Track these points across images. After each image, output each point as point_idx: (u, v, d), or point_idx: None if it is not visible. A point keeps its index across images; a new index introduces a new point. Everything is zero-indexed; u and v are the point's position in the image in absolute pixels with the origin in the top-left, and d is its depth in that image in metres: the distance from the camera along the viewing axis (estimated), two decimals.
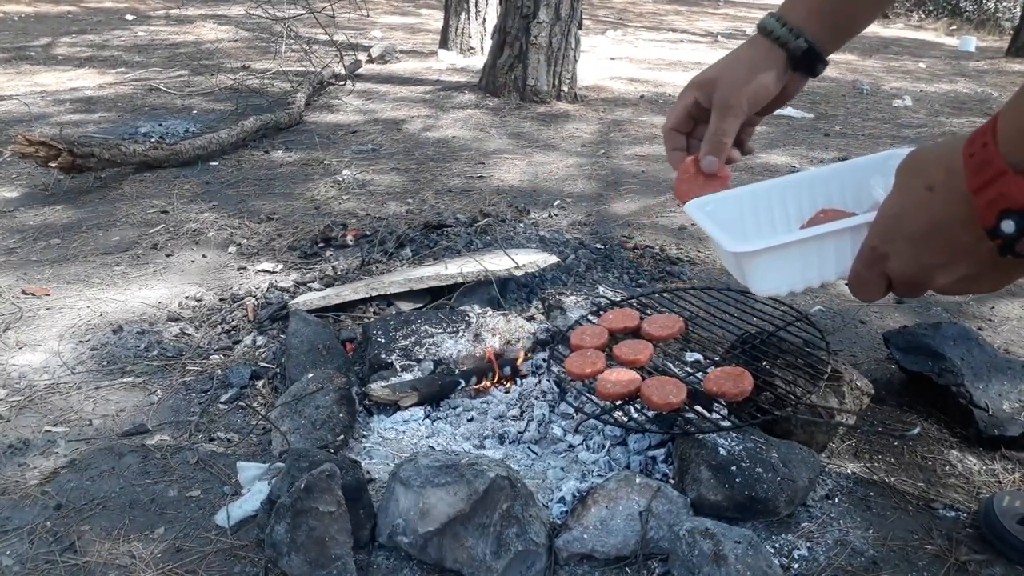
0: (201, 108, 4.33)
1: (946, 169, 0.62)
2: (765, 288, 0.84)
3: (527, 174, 3.39)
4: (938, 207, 0.63)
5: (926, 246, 0.65)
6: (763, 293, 0.86)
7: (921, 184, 0.64)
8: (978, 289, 0.66)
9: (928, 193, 0.64)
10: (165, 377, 1.78)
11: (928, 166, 0.64)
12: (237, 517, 1.34)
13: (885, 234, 0.68)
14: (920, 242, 0.65)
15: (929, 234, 0.64)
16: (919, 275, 0.67)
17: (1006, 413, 1.56)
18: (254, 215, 2.81)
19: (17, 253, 2.46)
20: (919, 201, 0.64)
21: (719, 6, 11.54)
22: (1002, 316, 2.19)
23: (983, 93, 5.59)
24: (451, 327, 1.78)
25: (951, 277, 0.65)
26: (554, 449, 1.52)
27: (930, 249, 0.65)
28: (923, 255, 0.66)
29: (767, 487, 1.30)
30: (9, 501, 1.39)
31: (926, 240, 0.65)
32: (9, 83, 4.77)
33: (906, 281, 0.69)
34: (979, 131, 0.59)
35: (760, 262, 0.80)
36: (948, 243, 0.64)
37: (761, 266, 0.81)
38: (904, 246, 0.66)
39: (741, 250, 0.79)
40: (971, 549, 1.31)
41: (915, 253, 0.66)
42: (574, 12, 4.54)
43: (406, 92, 4.90)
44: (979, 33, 9.47)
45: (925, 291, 0.69)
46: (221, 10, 8.24)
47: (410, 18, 8.49)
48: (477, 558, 1.20)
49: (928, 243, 0.65)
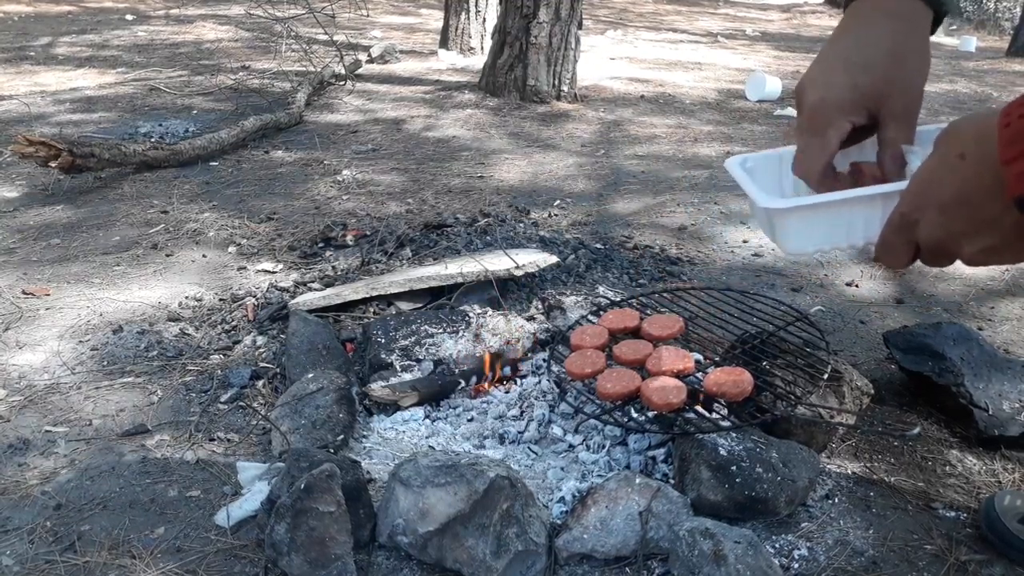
0: (201, 108, 4.33)
1: (979, 138, 0.61)
2: (794, 246, 0.83)
3: (527, 174, 3.39)
4: (968, 176, 0.62)
5: (954, 214, 0.64)
6: (792, 251, 0.86)
7: (954, 152, 0.64)
8: (1001, 260, 0.66)
9: (960, 161, 0.63)
10: (165, 377, 1.78)
11: (962, 135, 0.64)
12: (237, 517, 1.34)
13: (916, 200, 0.67)
14: (948, 209, 0.64)
15: (957, 202, 0.64)
16: (947, 243, 0.66)
17: (1006, 413, 1.56)
18: (254, 215, 2.81)
19: (17, 253, 2.46)
20: (951, 169, 0.64)
21: (719, 6, 11.54)
22: (1002, 316, 2.19)
23: (983, 93, 5.59)
24: (451, 327, 1.78)
25: (975, 247, 0.65)
26: (554, 449, 1.52)
27: (958, 217, 0.64)
28: (951, 223, 0.65)
29: (767, 487, 1.30)
30: (9, 501, 1.39)
31: (954, 207, 0.64)
32: (9, 83, 4.77)
33: (934, 249, 0.68)
34: (1016, 102, 0.58)
35: (791, 220, 0.80)
36: (975, 212, 0.63)
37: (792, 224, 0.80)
38: (934, 213, 0.66)
39: (774, 206, 0.79)
40: (971, 549, 1.31)
41: (944, 221, 0.65)
42: (574, 12, 4.54)
43: (406, 92, 4.90)
44: (979, 33, 9.46)
45: (952, 261, 0.68)
46: (221, 10, 8.24)
47: (410, 18, 8.48)
48: (477, 558, 1.20)
49: (956, 211, 0.64)
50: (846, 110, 0.74)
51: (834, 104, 0.75)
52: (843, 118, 0.75)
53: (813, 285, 2.35)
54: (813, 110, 0.76)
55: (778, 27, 9.52)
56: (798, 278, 2.39)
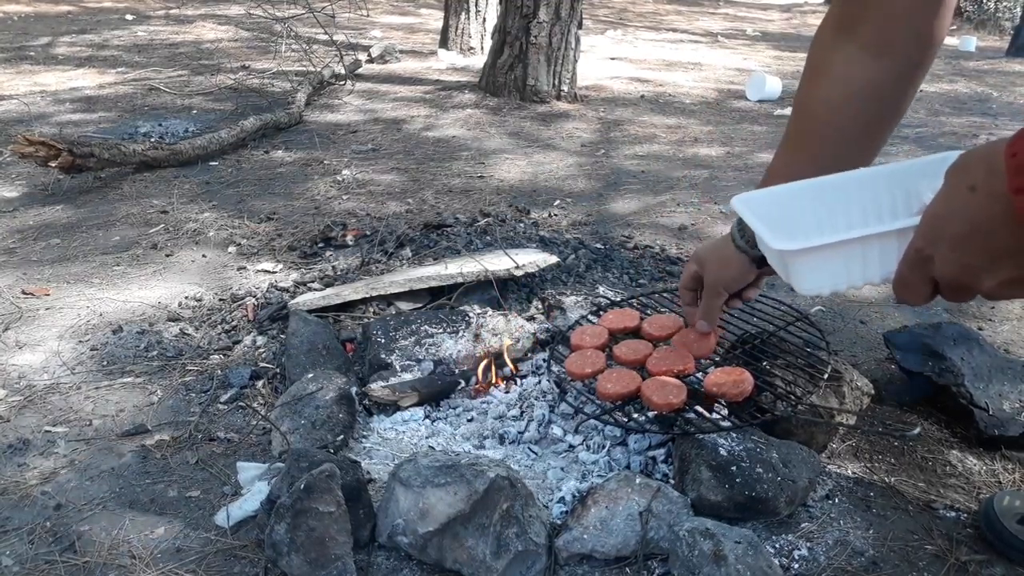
0: (201, 108, 4.33)
1: (988, 169, 0.61)
2: (809, 287, 0.82)
3: (527, 174, 3.39)
4: (979, 207, 0.62)
5: (967, 247, 0.64)
6: (806, 292, 0.84)
7: (964, 184, 0.63)
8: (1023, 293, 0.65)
9: (970, 193, 0.62)
10: (165, 377, 1.78)
11: (972, 167, 0.63)
12: (237, 517, 1.34)
13: (929, 235, 0.67)
14: (961, 243, 0.64)
15: (970, 235, 0.63)
16: (963, 277, 0.65)
17: (1006, 413, 1.56)
18: (254, 215, 2.81)
19: (17, 253, 2.46)
20: (961, 202, 0.63)
21: (719, 6, 11.54)
22: (1002, 316, 2.19)
23: (983, 93, 5.59)
24: (451, 327, 1.78)
25: (996, 279, 0.64)
26: (554, 449, 1.52)
27: (971, 250, 0.63)
28: (965, 257, 0.64)
29: (767, 487, 1.30)
30: (9, 501, 1.39)
31: (967, 241, 0.63)
32: (9, 83, 4.77)
33: (951, 284, 0.67)
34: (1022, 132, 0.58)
35: (804, 260, 0.79)
36: (989, 243, 0.62)
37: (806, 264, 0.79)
38: (946, 248, 0.65)
39: (784, 248, 0.78)
40: (971, 549, 1.31)
41: (958, 255, 0.65)
42: (574, 12, 4.54)
43: (406, 92, 4.90)
44: (979, 33, 9.47)
45: (973, 295, 0.67)
46: (221, 10, 8.24)
47: (410, 18, 8.48)
48: (477, 558, 1.20)
49: (969, 244, 0.63)
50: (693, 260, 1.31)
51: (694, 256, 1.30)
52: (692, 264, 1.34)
53: None
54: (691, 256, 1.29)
55: (778, 27, 9.52)
56: None
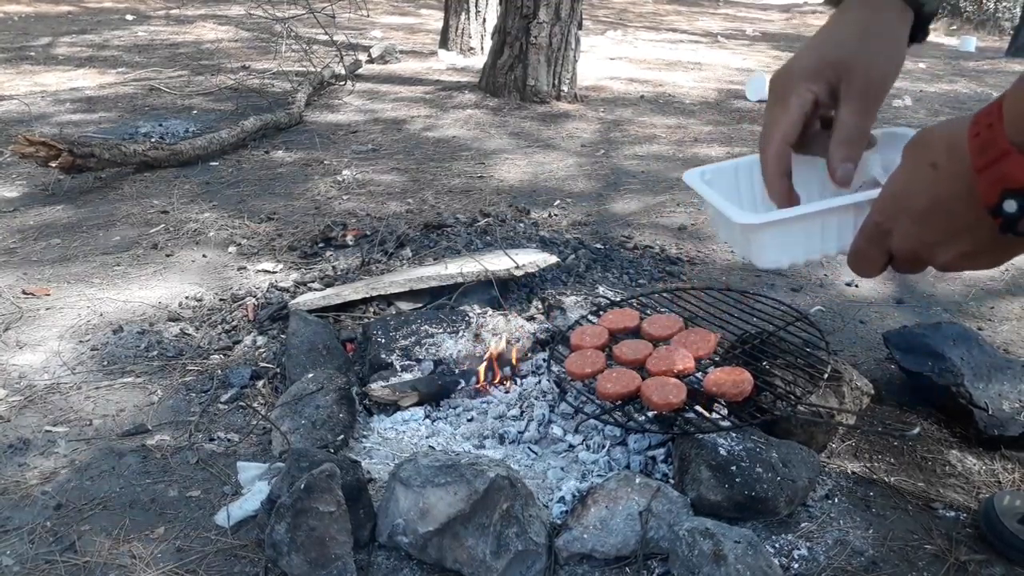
0: (201, 108, 4.33)
1: (950, 148, 0.62)
2: (769, 260, 0.84)
3: (527, 174, 3.39)
4: (941, 185, 0.63)
5: (928, 223, 0.65)
6: (767, 265, 0.86)
7: (926, 162, 0.65)
8: (976, 265, 0.67)
9: (932, 170, 0.64)
10: (165, 377, 1.78)
11: (934, 144, 0.65)
12: (237, 517, 1.34)
13: (889, 210, 0.68)
14: (922, 219, 0.66)
15: (931, 211, 0.65)
16: (920, 251, 0.68)
17: (1006, 413, 1.56)
18: (254, 215, 2.81)
19: (17, 253, 2.46)
20: (923, 178, 0.65)
21: (719, 6, 11.54)
22: (1002, 316, 2.19)
23: (983, 93, 5.59)
24: (451, 327, 1.78)
25: (951, 253, 0.66)
26: (554, 449, 1.52)
27: (932, 226, 0.65)
28: (925, 232, 0.66)
29: (767, 487, 1.30)
30: (9, 501, 1.39)
31: (928, 217, 0.65)
32: (9, 83, 4.77)
33: (907, 257, 0.69)
34: (984, 111, 0.59)
35: (765, 235, 0.80)
36: (949, 220, 0.64)
37: (766, 238, 0.81)
38: (907, 222, 0.67)
39: (748, 222, 0.80)
40: (971, 549, 1.31)
41: (918, 230, 0.66)
42: (574, 12, 4.54)
43: (406, 92, 4.90)
44: (979, 33, 9.47)
45: (925, 267, 0.70)
46: (221, 10, 8.24)
47: (410, 18, 8.48)
48: (477, 558, 1.20)
49: (930, 220, 0.65)
50: (807, 77, 0.75)
51: (797, 71, 0.76)
52: (804, 85, 0.75)
53: (813, 285, 2.35)
54: (777, 78, 0.78)
55: (778, 27, 9.52)
56: (798, 278, 2.39)
